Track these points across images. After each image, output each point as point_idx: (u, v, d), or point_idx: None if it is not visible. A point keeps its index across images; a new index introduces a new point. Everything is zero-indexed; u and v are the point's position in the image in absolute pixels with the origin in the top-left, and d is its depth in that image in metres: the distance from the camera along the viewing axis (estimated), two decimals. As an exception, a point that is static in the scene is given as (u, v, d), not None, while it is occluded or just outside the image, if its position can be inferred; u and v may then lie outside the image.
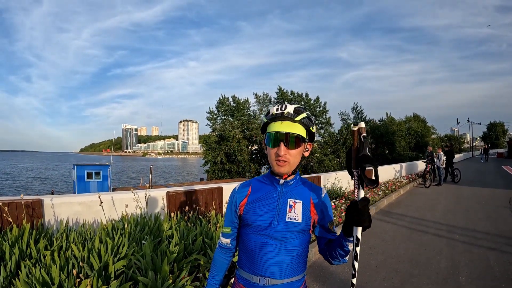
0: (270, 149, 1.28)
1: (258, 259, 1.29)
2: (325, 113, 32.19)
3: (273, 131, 1.26)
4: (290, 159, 1.26)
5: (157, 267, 2.76)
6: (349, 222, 1.14)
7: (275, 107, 1.29)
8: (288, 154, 1.25)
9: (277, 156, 1.25)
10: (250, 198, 1.37)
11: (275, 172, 1.30)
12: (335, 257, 1.30)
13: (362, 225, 1.09)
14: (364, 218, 1.08)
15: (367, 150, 1.11)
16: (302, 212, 1.31)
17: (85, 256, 2.76)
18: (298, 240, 1.31)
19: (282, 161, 1.25)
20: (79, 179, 16.86)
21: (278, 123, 1.26)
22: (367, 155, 1.10)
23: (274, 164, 1.27)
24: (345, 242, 1.20)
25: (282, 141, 1.24)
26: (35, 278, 2.39)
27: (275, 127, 1.26)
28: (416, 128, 37.91)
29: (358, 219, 1.09)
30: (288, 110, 1.25)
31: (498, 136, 64.23)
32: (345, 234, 1.18)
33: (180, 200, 5.06)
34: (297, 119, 1.25)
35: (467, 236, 5.55)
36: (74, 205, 4.25)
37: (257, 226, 1.31)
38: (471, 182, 13.68)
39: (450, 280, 3.76)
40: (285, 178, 1.32)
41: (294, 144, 1.25)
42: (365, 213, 1.08)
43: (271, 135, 1.27)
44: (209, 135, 30.64)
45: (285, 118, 1.25)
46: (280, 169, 1.27)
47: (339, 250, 1.25)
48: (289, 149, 1.25)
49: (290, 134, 1.24)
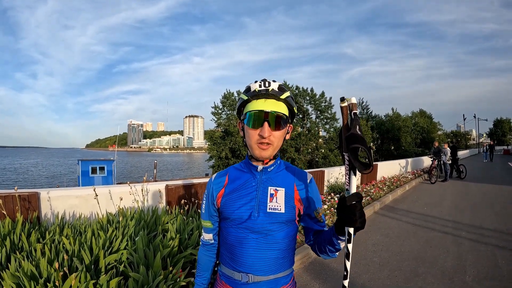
0: (251, 130, 1.13)
1: (239, 255, 1.17)
2: (331, 108, 32.01)
3: (256, 109, 1.11)
4: (274, 141, 1.13)
5: (149, 262, 2.67)
6: (339, 221, 1.00)
7: (256, 83, 1.14)
8: (272, 136, 1.12)
9: (260, 138, 1.11)
10: (227, 188, 1.23)
11: (256, 156, 1.15)
12: (323, 251, 1.18)
13: (352, 226, 0.94)
14: (355, 219, 0.93)
15: (357, 128, 0.95)
16: (285, 201, 1.17)
17: (75, 250, 2.67)
18: (283, 232, 1.18)
19: (265, 144, 1.12)
20: (83, 174, 17.01)
21: (261, 101, 1.12)
22: (356, 134, 0.94)
23: (255, 147, 1.13)
24: (336, 240, 1.08)
25: (266, 121, 1.10)
26: (23, 271, 2.32)
27: (257, 105, 1.12)
28: (422, 124, 37.56)
29: (347, 219, 0.94)
30: (272, 87, 1.12)
31: (505, 133, 63.43)
32: (336, 232, 1.05)
33: (179, 193, 4.96)
34: (282, 97, 1.12)
35: (474, 234, 5.39)
36: (71, 199, 4.18)
37: (235, 219, 1.18)
38: (478, 179, 13.48)
39: (457, 280, 3.62)
40: (266, 163, 1.19)
41: (279, 124, 1.12)
42: (355, 212, 0.93)
43: (253, 114, 1.12)
44: (214, 130, 30.64)
45: (269, 95, 1.11)
46: (262, 153, 1.13)
47: (329, 246, 1.13)
48: (273, 130, 1.11)
49: (276, 113, 1.11)
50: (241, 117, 1.19)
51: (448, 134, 51.10)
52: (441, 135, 42.06)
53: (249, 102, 1.15)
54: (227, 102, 29.97)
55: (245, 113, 1.16)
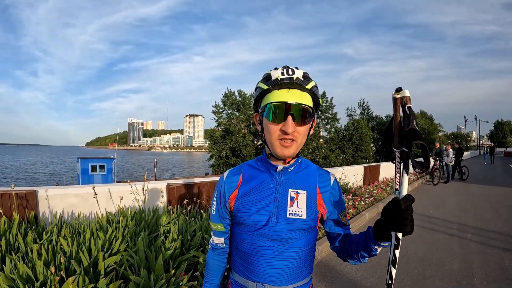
0: (272, 125, 0.98)
1: (255, 264, 1.05)
2: (331, 108, 31.95)
3: (278, 101, 0.96)
4: (299, 137, 0.98)
5: (151, 265, 2.57)
6: (386, 226, 0.89)
7: (278, 70, 0.99)
8: (297, 132, 0.97)
9: (283, 134, 0.96)
10: (242, 190, 1.09)
11: (277, 155, 1.00)
12: (354, 258, 1.07)
13: (403, 231, 0.85)
14: (406, 222, 0.84)
15: (415, 123, 0.84)
16: (307, 206, 1.05)
17: (73, 251, 2.57)
18: (303, 240, 1.06)
19: (289, 140, 0.97)
20: (83, 172, 16.92)
21: (284, 91, 0.96)
22: (416, 130, 0.83)
23: (277, 144, 0.98)
24: (373, 246, 0.97)
25: (290, 114, 0.95)
26: (18, 273, 2.22)
27: (280, 96, 0.96)
28: (423, 125, 37.50)
29: (399, 223, 0.85)
30: (297, 75, 0.96)
31: (505, 135, 63.35)
32: (376, 238, 0.94)
33: (180, 193, 4.86)
34: (307, 86, 0.97)
35: (480, 236, 5.30)
36: (69, 197, 4.08)
37: (251, 225, 1.05)
38: (479, 180, 13.42)
39: (465, 283, 3.53)
40: (287, 163, 1.06)
41: (304, 118, 0.97)
42: (408, 216, 0.84)
43: (274, 106, 0.96)
44: (214, 130, 30.56)
45: (294, 84, 0.96)
46: (284, 151, 0.98)
47: (363, 252, 1.02)
48: (297, 125, 0.96)
49: (302, 105, 0.96)
50: (259, 109, 1.04)
51: (448, 135, 51.00)
52: (441, 137, 41.98)
53: (269, 92, 0.99)
54: (227, 102, 29.89)
55: (264, 105, 1.00)
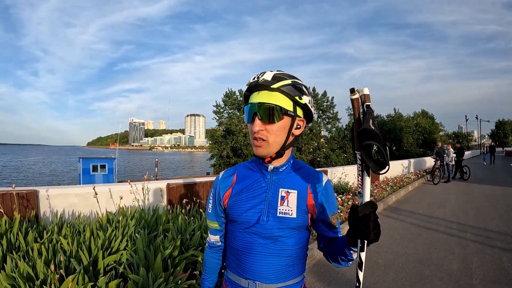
0: (249, 126, 1.05)
1: (246, 261, 1.08)
2: (333, 108, 31.90)
3: (247, 104, 1.04)
4: (269, 136, 1.01)
5: (150, 264, 2.59)
6: (350, 233, 0.90)
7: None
8: (265, 131, 1.01)
9: (253, 134, 1.03)
10: (235, 188, 1.13)
11: (255, 154, 1.07)
12: (335, 260, 1.09)
13: (365, 239, 0.84)
14: (368, 231, 0.82)
15: (371, 123, 0.81)
16: (297, 205, 1.07)
17: (73, 250, 2.59)
18: (294, 238, 1.08)
19: (260, 140, 1.02)
20: (84, 172, 16.96)
21: (255, 94, 1.02)
22: (369, 129, 0.80)
23: (252, 144, 1.05)
24: (348, 251, 1.00)
25: (256, 115, 1.00)
26: (19, 272, 2.24)
27: (251, 99, 1.04)
28: (424, 125, 37.36)
29: (360, 232, 0.84)
30: (264, 77, 0.99)
31: (507, 134, 63.22)
32: (348, 243, 0.95)
33: (180, 192, 4.88)
34: (274, 86, 0.98)
35: (479, 236, 5.31)
36: (70, 197, 4.10)
37: (243, 222, 1.09)
38: (480, 180, 13.41)
39: (463, 283, 3.54)
40: (267, 162, 1.08)
41: (272, 117, 0.99)
42: (369, 224, 0.82)
43: (246, 109, 1.04)
44: (215, 129, 30.56)
45: (260, 86, 1.00)
46: (258, 151, 1.04)
47: (340, 256, 1.04)
48: (265, 124, 1.00)
49: (264, 104, 0.99)
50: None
51: (449, 135, 50.88)
52: (442, 136, 41.88)
53: (248, 97, 1.08)
54: (228, 101, 29.88)
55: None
